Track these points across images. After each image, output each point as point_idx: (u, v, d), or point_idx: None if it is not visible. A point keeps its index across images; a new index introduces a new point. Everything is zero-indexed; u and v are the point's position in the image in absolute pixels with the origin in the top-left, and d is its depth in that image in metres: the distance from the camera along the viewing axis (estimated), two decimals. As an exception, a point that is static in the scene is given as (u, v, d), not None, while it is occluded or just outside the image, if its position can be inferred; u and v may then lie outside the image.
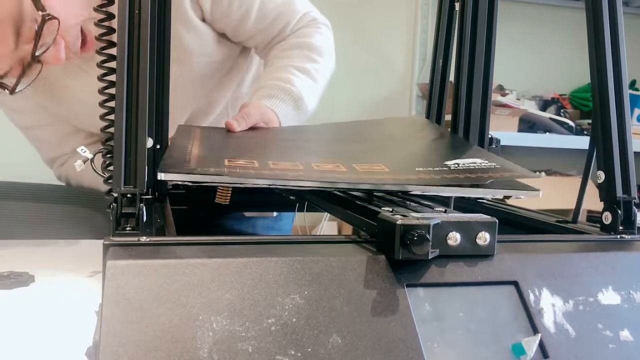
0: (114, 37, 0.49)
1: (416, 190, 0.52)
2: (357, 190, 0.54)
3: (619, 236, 0.51)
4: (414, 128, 0.84)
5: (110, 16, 0.51)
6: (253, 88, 0.97)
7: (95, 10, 0.52)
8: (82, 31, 0.80)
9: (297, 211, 0.74)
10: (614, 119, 0.53)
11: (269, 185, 0.50)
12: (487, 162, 0.56)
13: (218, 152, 0.64)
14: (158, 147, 0.64)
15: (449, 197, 0.61)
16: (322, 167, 0.54)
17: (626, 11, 2.73)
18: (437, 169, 0.54)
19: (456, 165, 0.54)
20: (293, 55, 0.94)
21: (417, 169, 0.54)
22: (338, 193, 0.61)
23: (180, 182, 0.50)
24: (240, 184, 0.50)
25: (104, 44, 0.52)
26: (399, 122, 0.98)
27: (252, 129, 0.80)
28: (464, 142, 0.72)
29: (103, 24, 0.51)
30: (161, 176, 0.48)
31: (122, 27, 0.43)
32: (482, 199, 0.75)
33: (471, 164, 0.55)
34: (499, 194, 0.53)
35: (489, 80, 0.75)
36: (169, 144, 0.65)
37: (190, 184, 0.50)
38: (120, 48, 0.43)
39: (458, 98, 0.75)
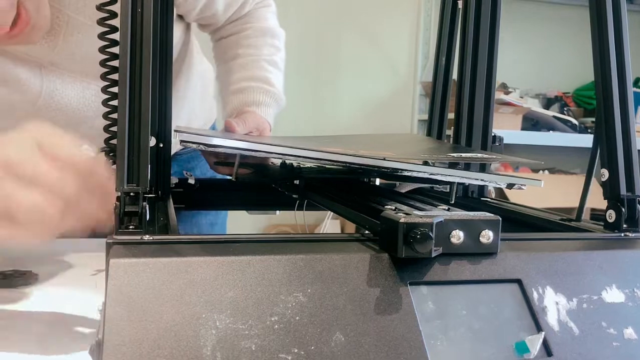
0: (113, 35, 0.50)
1: (420, 170, 0.51)
2: (362, 167, 0.54)
3: (622, 234, 0.51)
4: (418, 138, 0.85)
5: (113, 15, 0.51)
6: (230, 85, 0.95)
7: (98, 9, 0.52)
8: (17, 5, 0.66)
9: (298, 209, 0.74)
10: (617, 116, 0.53)
11: (281, 154, 0.51)
12: (488, 155, 0.56)
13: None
14: (161, 145, 0.64)
15: (450, 190, 0.61)
16: (329, 149, 0.55)
17: (630, 8, 2.72)
18: (442, 155, 0.54)
19: (459, 156, 0.55)
20: (260, 45, 0.95)
21: (422, 155, 0.54)
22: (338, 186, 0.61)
23: (194, 145, 0.50)
24: (254, 150, 0.50)
25: (107, 43, 0.52)
26: (401, 135, 0.99)
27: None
28: (467, 147, 0.72)
29: (106, 22, 0.52)
30: (176, 135, 0.48)
31: (124, 25, 0.43)
32: (486, 199, 0.75)
33: (474, 156, 0.56)
34: (502, 180, 0.53)
35: (492, 78, 0.75)
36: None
37: (203, 148, 0.51)
38: (123, 47, 0.43)
39: (461, 96, 0.74)
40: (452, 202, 0.60)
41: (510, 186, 0.55)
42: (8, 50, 0.76)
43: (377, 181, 0.73)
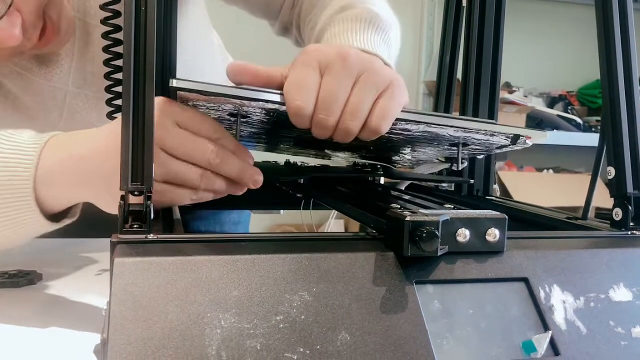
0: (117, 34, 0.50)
1: (420, 121, 0.50)
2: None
3: (629, 232, 0.50)
4: None
5: (117, 14, 0.51)
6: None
7: (102, 8, 0.52)
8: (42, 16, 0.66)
9: (303, 209, 0.74)
10: (624, 114, 0.53)
11: (281, 101, 0.48)
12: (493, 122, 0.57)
13: None
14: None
15: (457, 154, 0.60)
16: None
17: (636, 7, 2.71)
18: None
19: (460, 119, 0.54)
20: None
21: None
22: (343, 189, 0.61)
23: (193, 93, 0.48)
24: (256, 98, 0.47)
25: (110, 42, 0.52)
26: None
27: None
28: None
29: (109, 21, 0.51)
30: (173, 83, 0.47)
31: (128, 24, 0.43)
32: (491, 198, 0.75)
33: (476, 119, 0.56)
34: (507, 130, 0.53)
35: (497, 77, 0.75)
36: None
37: (203, 98, 0.48)
38: (127, 46, 0.43)
39: (465, 95, 0.74)
40: (458, 168, 0.59)
41: (515, 140, 0.54)
42: (37, 87, 0.76)
43: (382, 180, 0.73)
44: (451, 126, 0.51)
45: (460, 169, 0.60)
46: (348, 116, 0.48)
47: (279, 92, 0.49)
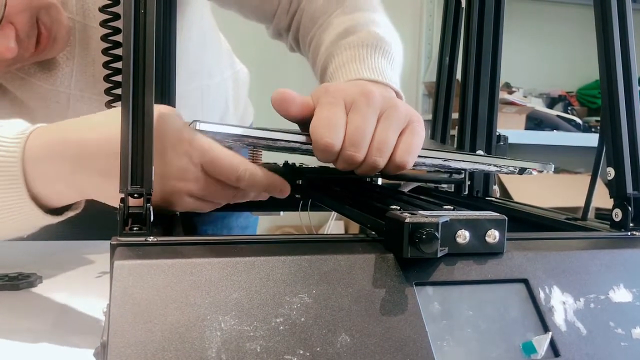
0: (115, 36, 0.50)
1: (435, 157, 0.51)
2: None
3: (629, 233, 0.50)
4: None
5: (116, 16, 0.51)
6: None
7: (101, 10, 0.52)
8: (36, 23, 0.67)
9: (302, 210, 0.74)
10: (623, 114, 0.53)
11: (305, 141, 0.49)
12: (495, 156, 0.57)
13: None
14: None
15: (464, 178, 0.61)
16: None
17: (635, 7, 2.72)
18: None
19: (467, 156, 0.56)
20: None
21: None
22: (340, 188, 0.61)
23: (215, 134, 0.49)
24: (277, 139, 0.49)
25: (110, 44, 0.52)
26: None
27: None
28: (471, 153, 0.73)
29: (109, 24, 0.51)
30: (198, 125, 0.47)
31: (127, 27, 0.43)
32: (491, 199, 0.75)
33: (481, 154, 0.57)
34: (514, 164, 0.53)
35: (496, 78, 0.75)
36: None
37: (227, 141, 0.49)
38: (126, 48, 0.43)
39: (465, 96, 0.74)
40: (466, 192, 0.60)
41: (522, 171, 0.55)
42: (40, 92, 0.76)
43: (380, 181, 0.73)
44: (467, 161, 0.53)
45: (465, 192, 0.61)
46: (375, 151, 0.49)
47: (304, 133, 0.50)
